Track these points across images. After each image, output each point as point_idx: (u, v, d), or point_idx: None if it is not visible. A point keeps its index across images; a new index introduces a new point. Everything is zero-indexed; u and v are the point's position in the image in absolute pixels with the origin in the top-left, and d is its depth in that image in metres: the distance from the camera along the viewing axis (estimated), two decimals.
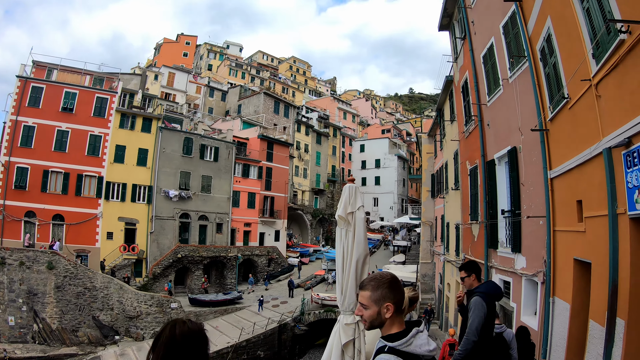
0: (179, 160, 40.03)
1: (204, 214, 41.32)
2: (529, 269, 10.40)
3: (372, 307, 2.49)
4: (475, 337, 4.92)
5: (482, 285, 5.43)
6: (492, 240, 13.15)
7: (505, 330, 7.11)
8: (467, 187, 16.98)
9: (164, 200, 38.72)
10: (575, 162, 7.57)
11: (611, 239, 5.96)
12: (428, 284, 29.54)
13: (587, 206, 7.22)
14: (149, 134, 38.68)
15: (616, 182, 6.00)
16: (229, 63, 78.16)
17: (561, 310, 8.38)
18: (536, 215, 9.77)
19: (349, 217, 5.42)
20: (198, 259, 38.78)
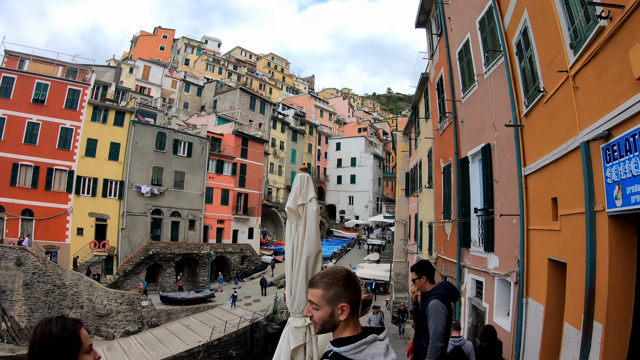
0: (152, 155, 39.15)
1: (177, 210, 40.47)
2: (501, 269, 10.09)
3: (324, 308, 2.09)
4: (441, 342, 4.66)
5: (438, 286, 5.10)
6: (465, 239, 12.85)
7: (464, 343, 7.55)
8: (440, 185, 16.68)
9: (136, 195, 37.81)
10: (550, 157, 7.23)
11: (588, 238, 5.61)
12: (402, 283, 29.28)
13: (562, 204, 6.88)
14: (122, 128, 37.70)
15: (594, 177, 5.65)
16: (206, 58, 76.95)
17: (535, 312, 8.06)
18: (509, 214, 9.45)
19: (300, 210, 4.82)
20: (170, 256, 37.92)
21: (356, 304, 2.15)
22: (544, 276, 7.63)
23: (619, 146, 4.95)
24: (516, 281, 9.01)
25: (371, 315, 16.92)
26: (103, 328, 29.86)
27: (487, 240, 10.96)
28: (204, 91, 63.42)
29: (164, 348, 26.52)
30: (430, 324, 4.76)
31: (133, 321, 30.26)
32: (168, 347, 26.67)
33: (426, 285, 5.15)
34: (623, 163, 4.83)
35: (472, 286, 12.45)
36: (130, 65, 57.70)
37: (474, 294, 12.37)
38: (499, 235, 10.39)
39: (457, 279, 13.51)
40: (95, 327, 29.79)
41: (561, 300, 6.95)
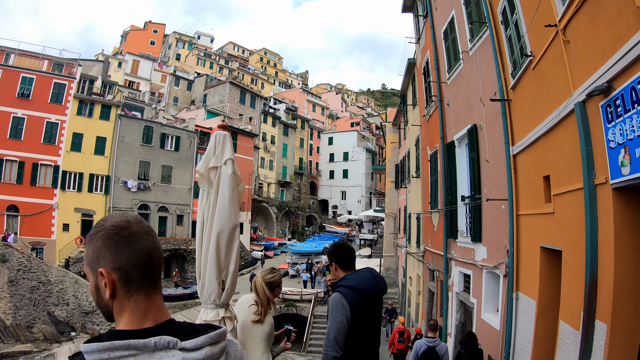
0: (139, 149, 38.08)
1: (164, 205, 39.36)
2: (490, 261, 9.08)
3: (90, 277, 1.29)
4: (335, 352, 3.39)
5: (348, 276, 3.77)
6: (452, 230, 11.83)
7: (439, 344, 7.63)
8: (427, 174, 15.67)
9: (122, 190, 36.75)
10: (541, 130, 6.21)
11: (588, 218, 4.58)
12: (392, 278, 28.31)
13: (556, 181, 5.85)
14: (108, 122, 36.68)
15: (593, 143, 4.62)
16: (197, 52, 75.49)
17: (526, 308, 7.05)
18: (496, 199, 8.43)
19: (212, 175, 3.96)
20: None
21: (136, 274, 1.24)
22: (535, 267, 6.63)
23: (622, 99, 3.93)
24: (505, 274, 8.00)
25: None
26: (89, 325, 28.86)
27: (475, 230, 9.95)
28: (194, 85, 62.06)
29: None
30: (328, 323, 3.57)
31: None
32: None
33: (338, 274, 3.91)
34: (630, 119, 3.79)
35: (460, 280, 11.44)
36: (119, 60, 56.54)
37: (462, 288, 11.37)
38: (487, 223, 9.37)
39: (444, 273, 12.51)
40: (81, 324, 28.89)
41: (556, 294, 5.96)
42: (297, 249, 45.46)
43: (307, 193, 64.31)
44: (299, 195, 61.67)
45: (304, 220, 60.88)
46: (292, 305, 28.81)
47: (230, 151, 4.10)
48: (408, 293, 21.03)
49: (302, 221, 60.20)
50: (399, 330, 13.13)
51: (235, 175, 4.03)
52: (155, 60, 62.51)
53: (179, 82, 61.50)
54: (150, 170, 38.57)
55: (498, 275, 8.60)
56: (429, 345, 7.62)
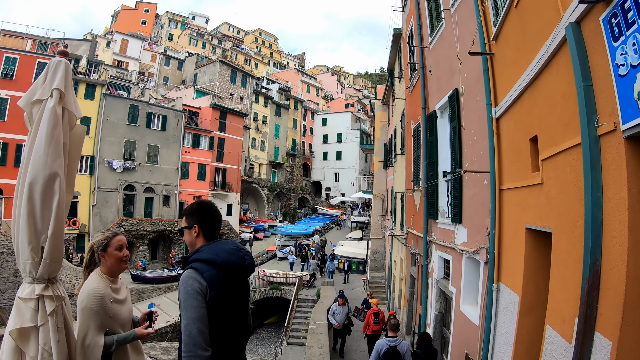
0: (124, 128, 36.69)
1: (151, 186, 38.00)
2: (470, 244, 7.70)
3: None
4: (204, 351, 2.38)
5: (204, 247, 2.72)
6: (432, 210, 10.42)
7: (400, 343, 7.60)
8: (410, 149, 14.23)
9: (107, 171, 35.48)
10: (526, 78, 4.77)
11: (589, 185, 3.16)
12: (379, 262, 27.00)
13: (545, 142, 4.41)
14: (92, 101, 35.19)
15: (593, 77, 3.23)
16: (190, 32, 73.22)
17: (508, 303, 5.69)
18: (476, 170, 7.03)
19: (34, 110, 3.03)
20: (142, 234, 35.64)
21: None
22: (520, 254, 5.26)
23: (636, 3, 2.52)
24: (486, 260, 6.63)
25: (335, 307, 13.96)
26: (73, 308, 27.35)
27: (455, 209, 8.55)
28: (184, 65, 60.19)
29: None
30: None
31: None
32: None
33: (197, 242, 2.83)
34: None
35: (440, 266, 10.07)
36: (108, 39, 54.71)
37: (442, 275, 10.02)
38: (468, 201, 7.96)
39: (424, 257, 11.16)
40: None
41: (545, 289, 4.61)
42: (287, 230, 44.24)
43: (300, 175, 62.92)
44: (291, 177, 60.29)
45: (295, 202, 59.55)
46: (276, 289, 27.70)
47: (61, 80, 3.06)
48: (393, 278, 19.74)
49: (294, 203, 58.86)
50: (374, 312, 13.12)
51: (66, 113, 3.06)
52: (145, 39, 60.58)
53: (169, 62, 59.72)
54: (136, 150, 37.22)
55: (479, 262, 7.26)
56: (390, 345, 7.60)
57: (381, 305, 21.87)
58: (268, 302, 28.81)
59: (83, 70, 36.92)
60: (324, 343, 11.59)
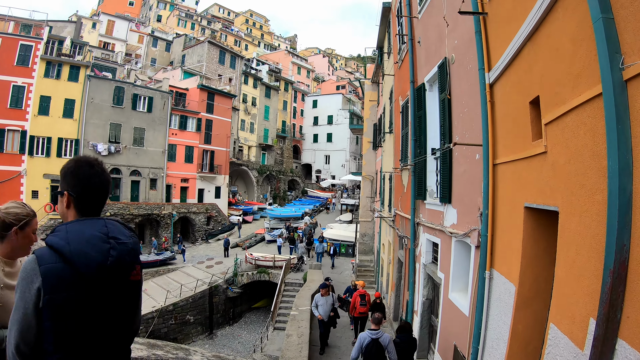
0: (109, 111, 35.47)
1: (137, 169, 36.92)
2: (460, 226, 6.96)
3: None
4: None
5: (63, 227, 1.85)
6: (420, 189, 9.67)
7: (382, 336, 7.60)
8: (399, 127, 13.41)
9: (92, 154, 33.71)
10: (525, 30, 3.98)
11: (614, 143, 2.39)
12: (368, 245, 26.29)
13: (549, 102, 3.61)
14: (77, 83, 34.09)
15: (614, 7, 2.50)
16: (178, 13, 71.32)
17: (502, 294, 4.97)
18: (467, 143, 6.26)
19: None
20: (129, 217, 34.68)
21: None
22: (517, 237, 4.51)
23: None
24: (478, 244, 5.90)
25: (318, 297, 12.47)
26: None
27: (444, 188, 7.80)
28: (172, 46, 58.57)
29: None
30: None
31: None
32: None
33: (68, 216, 1.99)
34: None
35: (428, 249, 9.35)
36: (94, 20, 53.07)
37: (430, 259, 9.31)
38: (458, 179, 7.20)
39: (411, 240, 10.45)
40: None
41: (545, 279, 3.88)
42: (276, 213, 43.40)
43: (290, 157, 61.83)
44: (281, 159, 59.27)
45: (285, 184, 58.62)
46: (264, 272, 27.07)
47: None
48: (381, 261, 19.06)
49: (283, 185, 57.96)
50: (360, 294, 12.99)
51: None
52: (132, 20, 58.77)
53: (156, 43, 58.09)
54: (122, 132, 36.09)
55: (470, 247, 6.54)
56: (372, 337, 7.58)
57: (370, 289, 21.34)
58: (256, 285, 28.19)
59: (67, 52, 35.55)
60: (304, 331, 10.79)
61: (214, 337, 26.48)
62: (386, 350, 7.63)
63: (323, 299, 12.36)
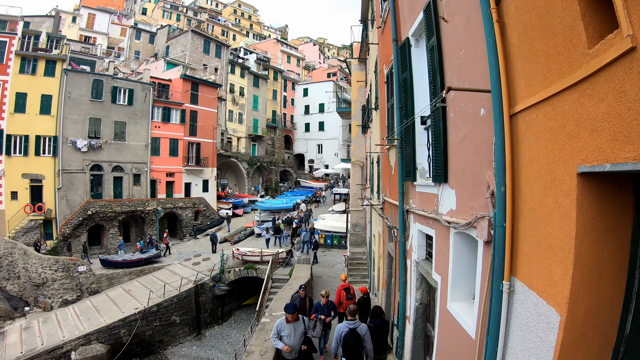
0: (88, 105, 33.50)
1: (119, 165, 34.86)
2: (461, 213, 4.95)
3: None
4: None
5: None
6: (408, 168, 7.62)
7: (359, 326, 7.70)
8: (384, 100, 11.36)
9: (72, 151, 32.51)
10: None
11: None
12: (360, 236, 24.21)
13: None
14: (53, 78, 32.28)
15: None
16: (163, 5, 68.51)
17: (532, 320, 2.98)
18: (468, 89, 4.25)
19: None
20: (112, 215, 32.83)
21: None
22: (563, 228, 2.55)
23: None
24: (489, 238, 3.93)
25: (281, 324, 8.30)
26: (41, 299, 26.05)
27: (437, 163, 5.79)
28: (156, 38, 56.02)
29: (99, 317, 22.48)
30: None
31: (71, 289, 26.05)
32: (103, 316, 22.59)
33: None
34: None
35: (421, 243, 7.34)
36: (73, 14, 50.72)
37: (423, 255, 7.31)
38: (457, 148, 5.15)
39: (400, 231, 8.46)
40: (33, 297, 26.38)
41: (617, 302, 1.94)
42: (267, 205, 41.39)
43: (282, 147, 59.65)
44: (272, 150, 57.09)
45: (277, 175, 56.49)
46: (251, 268, 25.27)
47: None
48: (373, 254, 17.08)
49: (275, 177, 55.84)
50: (344, 287, 12.08)
51: None
52: (114, 13, 56.29)
53: (140, 35, 55.61)
54: (102, 127, 34.06)
55: (476, 242, 4.57)
56: (350, 327, 7.62)
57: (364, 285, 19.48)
58: (245, 282, 26.38)
59: (43, 46, 33.63)
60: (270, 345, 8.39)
61: (202, 338, 24.90)
62: (363, 340, 7.62)
63: (289, 326, 8.17)
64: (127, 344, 21.28)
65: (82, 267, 26.50)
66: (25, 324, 22.94)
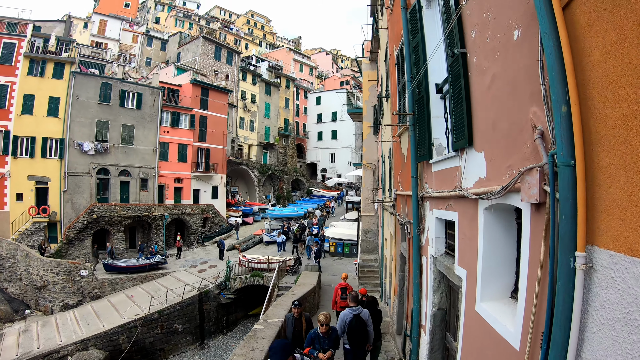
0: (96, 108, 32.92)
1: (126, 169, 34.04)
2: (493, 179, 3.69)
3: None
4: None
5: None
6: (423, 147, 6.38)
7: (362, 311, 7.80)
8: (395, 84, 10.11)
9: (78, 154, 31.85)
10: None
11: None
12: (372, 242, 22.74)
13: None
14: (61, 81, 31.85)
15: None
16: (176, 14, 68.03)
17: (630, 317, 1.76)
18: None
19: None
20: (117, 220, 31.94)
21: None
22: None
23: None
24: (541, 199, 2.67)
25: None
26: (42, 302, 25.52)
27: (458, 126, 4.56)
28: (168, 45, 55.45)
29: (99, 323, 21.56)
30: None
31: (72, 293, 25.34)
32: (103, 321, 21.66)
33: None
34: None
35: (439, 234, 6.06)
36: (85, 20, 50.53)
37: (442, 248, 6.05)
38: (483, 97, 3.88)
39: (414, 223, 7.18)
40: (34, 300, 25.75)
41: None
42: (276, 213, 40.02)
43: (294, 156, 58.46)
44: (284, 158, 55.92)
45: (289, 184, 55.18)
46: (258, 275, 24.04)
47: None
48: (384, 259, 15.72)
49: (287, 185, 54.53)
50: (342, 287, 12.40)
51: None
52: (126, 19, 55.94)
53: (151, 42, 55.11)
54: (109, 130, 33.39)
55: (512, 217, 3.32)
56: (354, 313, 7.66)
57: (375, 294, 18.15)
58: (251, 290, 25.10)
59: (53, 49, 33.45)
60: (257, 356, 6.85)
61: (206, 348, 23.59)
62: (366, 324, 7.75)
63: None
64: (126, 351, 20.23)
65: (84, 272, 25.72)
66: (24, 327, 22.18)
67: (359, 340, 7.71)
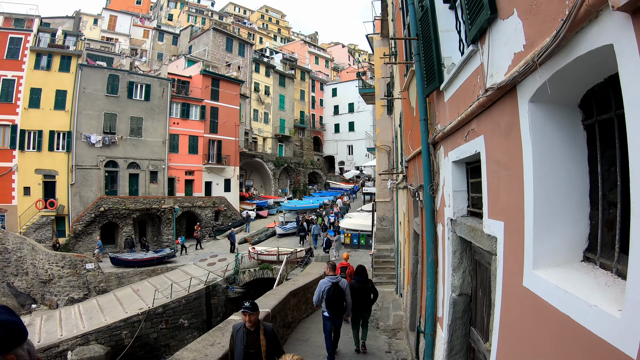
0: (103, 100, 31.99)
1: (135, 161, 32.89)
2: (537, 37, 1.94)
3: None
4: None
5: None
6: (431, 72, 4.62)
7: (340, 280, 7.92)
8: (401, 33, 8.36)
9: (86, 146, 30.95)
10: None
11: None
12: (387, 231, 20.78)
13: None
14: (68, 74, 31.17)
15: None
16: (188, 9, 66.40)
17: None
18: None
19: None
20: (125, 213, 30.83)
21: None
22: None
23: None
24: None
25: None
26: (48, 296, 25.02)
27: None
28: (179, 39, 54.09)
29: (102, 317, 20.71)
30: None
31: (78, 287, 24.49)
32: (106, 315, 20.79)
33: None
34: None
35: (458, 185, 4.30)
36: (95, 17, 49.80)
37: (464, 207, 4.27)
38: None
39: (425, 181, 5.40)
40: (41, 295, 25.26)
41: None
42: (291, 206, 38.34)
43: (310, 149, 56.85)
44: (300, 151, 54.34)
45: (306, 177, 53.48)
46: (267, 268, 22.64)
47: None
48: (399, 246, 13.94)
49: (304, 178, 52.84)
50: (342, 266, 11.68)
51: None
52: (136, 15, 54.97)
53: (163, 37, 54.08)
54: (117, 123, 32.39)
55: (575, 110, 1.60)
56: (332, 282, 7.83)
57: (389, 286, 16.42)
58: (261, 284, 23.65)
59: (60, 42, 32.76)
60: (216, 353, 5.08)
61: None
62: (344, 293, 7.86)
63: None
64: (128, 347, 19.26)
65: (89, 265, 24.90)
66: (28, 321, 21.34)
67: (337, 308, 7.90)
